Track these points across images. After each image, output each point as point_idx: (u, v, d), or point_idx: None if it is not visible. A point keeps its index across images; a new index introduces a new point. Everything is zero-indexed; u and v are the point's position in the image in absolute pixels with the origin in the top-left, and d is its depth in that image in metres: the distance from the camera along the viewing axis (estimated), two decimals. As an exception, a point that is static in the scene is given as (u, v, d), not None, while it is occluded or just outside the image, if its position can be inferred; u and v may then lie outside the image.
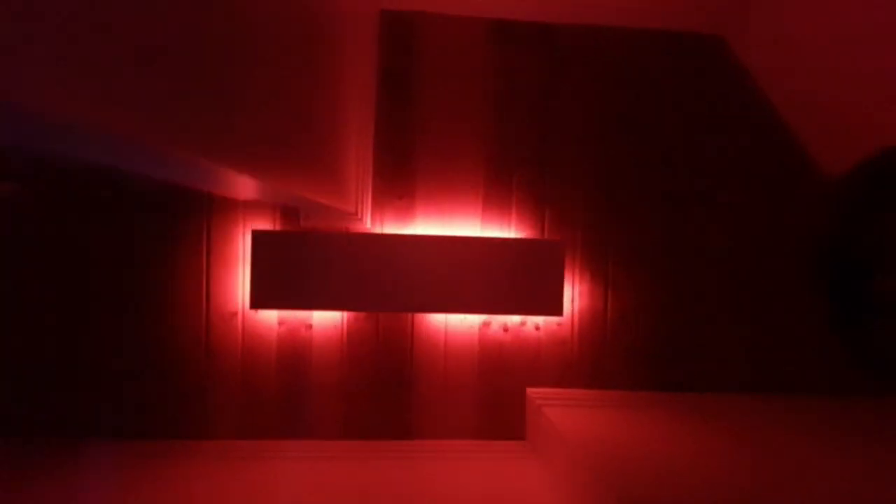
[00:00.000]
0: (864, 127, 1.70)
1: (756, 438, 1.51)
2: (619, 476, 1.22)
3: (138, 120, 0.45)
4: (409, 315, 1.84)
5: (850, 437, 1.56)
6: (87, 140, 0.44)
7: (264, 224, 1.79)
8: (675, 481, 1.21)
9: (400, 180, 1.84)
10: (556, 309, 1.80)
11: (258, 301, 1.71)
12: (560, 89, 1.89)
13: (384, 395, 1.83)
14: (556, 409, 1.69)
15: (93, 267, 1.74)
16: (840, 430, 1.61)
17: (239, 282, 1.78)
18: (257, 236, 1.71)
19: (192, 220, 1.77)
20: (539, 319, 1.87)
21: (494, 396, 1.86)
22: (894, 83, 1.53)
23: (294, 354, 1.81)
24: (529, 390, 1.85)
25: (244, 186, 0.83)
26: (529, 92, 1.88)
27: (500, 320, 1.87)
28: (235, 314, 1.78)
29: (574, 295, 1.88)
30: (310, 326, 1.81)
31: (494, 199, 1.86)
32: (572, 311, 1.88)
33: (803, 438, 1.53)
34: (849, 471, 1.33)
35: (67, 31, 0.35)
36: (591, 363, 1.88)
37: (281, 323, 1.80)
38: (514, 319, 1.87)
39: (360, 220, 1.70)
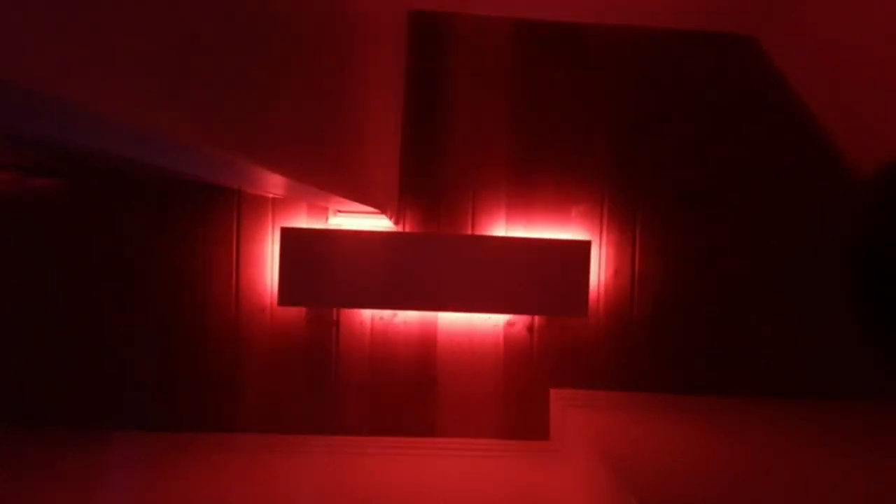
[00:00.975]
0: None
1: (787, 444, 1.48)
2: (643, 478, 1.21)
3: (172, 117, 0.46)
4: (434, 313, 1.85)
5: (876, 444, 1.52)
6: (122, 136, 0.45)
7: (293, 221, 1.82)
8: (699, 485, 1.20)
9: (426, 179, 1.85)
10: (581, 310, 1.78)
11: (286, 298, 1.74)
12: (586, 89, 1.87)
13: (408, 392, 1.85)
14: (579, 410, 1.68)
15: (124, 262, 1.79)
16: (866, 437, 1.57)
17: (268, 278, 1.81)
18: (286, 233, 1.73)
19: (223, 216, 1.81)
20: (564, 320, 1.86)
21: (518, 396, 1.86)
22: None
23: (320, 351, 1.83)
24: (553, 391, 1.84)
25: (274, 184, 0.85)
26: (555, 92, 1.87)
27: (524, 320, 1.87)
28: (264, 310, 1.82)
29: (599, 296, 1.86)
30: (336, 323, 1.84)
31: (520, 197, 1.86)
32: (597, 312, 1.87)
33: (832, 444, 1.49)
34: (872, 478, 1.29)
35: (103, 28, 0.36)
36: (615, 365, 1.86)
37: (308, 320, 1.83)
38: (539, 320, 1.87)
39: (387, 218, 1.72)
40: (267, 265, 1.82)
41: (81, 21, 0.33)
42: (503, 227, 1.85)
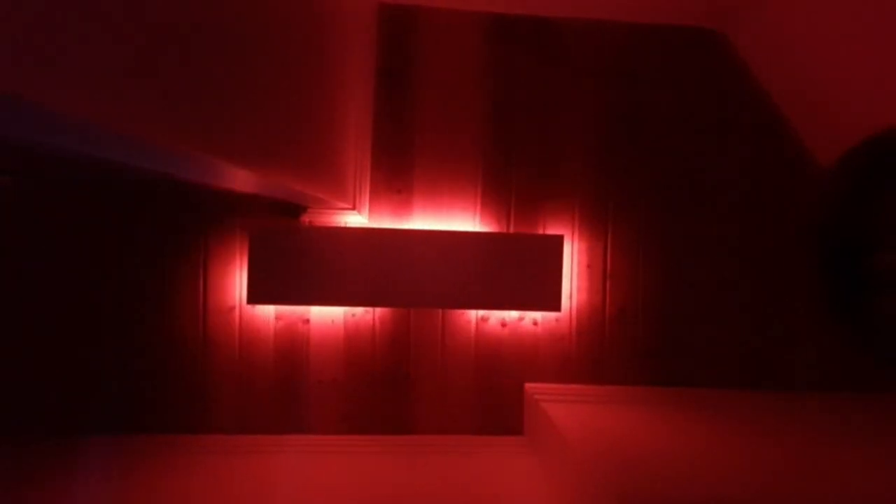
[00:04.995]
0: (860, 116, 1.71)
1: (755, 435, 1.52)
2: (617, 471, 1.22)
3: (138, 115, 0.44)
4: (407, 310, 1.84)
5: (851, 434, 1.56)
6: (87, 135, 0.43)
7: (262, 219, 1.78)
8: (672, 477, 1.21)
9: (398, 175, 1.83)
10: (555, 304, 1.79)
11: (255, 296, 1.70)
12: (558, 84, 1.88)
13: (382, 389, 1.83)
14: (553, 404, 1.69)
15: (89, 263, 1.73)
16: (841, 427, 1.61)
17: (236, 276, 1.78)
18: (254, 230, 1.70)
19: (190, 214, 1.76)
20: (537, 315, 1.87)
21: (492, 392, 1.86)
22: (885, 75, 1.55)
23: (291, 349, 1.80)
24: (527, 385, 1.85)
25: (242, 180, 0.83)
26: (527, 86, 1.87)
27: (497, 315, 1.87)
28: (233, 309, 1.78)
29: (572, 290, 1.88)
30: (307, 321, 1.81)
31: (492, 193, 1.86)
32: (570, 306, 1.88)
33: (803, 435, 1.53)
34: (848, 467, 1.33)
35: (69, 30, 0.34)
36: (589, 358, 1.88)
37: (278, 318, 1.80)
38: (512, 315, 1.87)
39: (358, 214, 1.70)
40: (235, 263, 1.78)
41: (46, 24, 0.31)
42: (476, 223, 1.85)
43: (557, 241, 1.80)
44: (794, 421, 1.64)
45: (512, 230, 1.85)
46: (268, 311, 1.80)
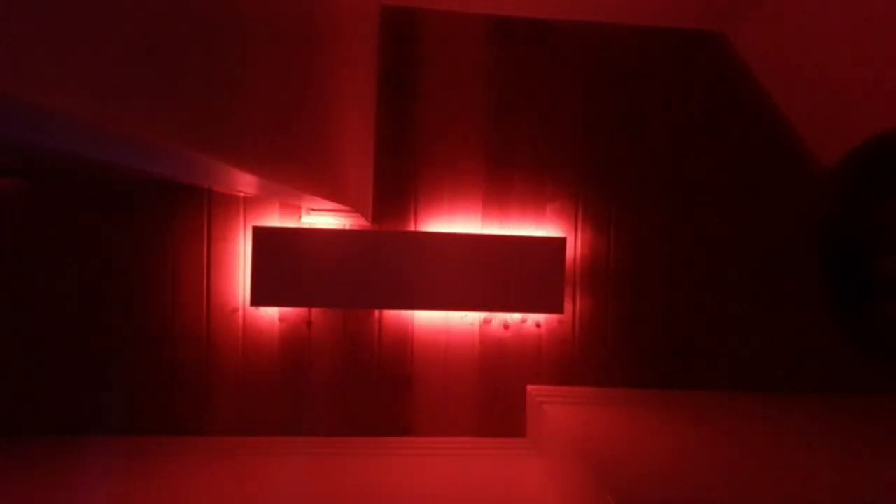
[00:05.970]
0: (861, 117, 1.71)
1: (756, 436, 1.51)
2: (619, 474, 1.22)
3: (140, 116, 0.45)
4: (410, 312, 1.84)
5: (851, 435, 1.56)
6: (91, 136, 0.44)
7: (265, 220, 1.79)
8: (674, 479, 1.21)
9: (401, 177, 1.84)
10: (557, 306, 1.80)
11: (259, 298, 1.71)
12: (560, 86, 1.88)
13: (384, 392, 1.83)
14: (556, 406, 1.69)
15: (92, 264, 1.74)
16: (840, 429, 1.61)
17: (240, 278, 1.78)
18: (258, 232, 1.70)
19: (193, 216, 1.77)
20: (540, 317, 1.87)
21: (495, 394, 1.86)
22: (886, 75, 1.56)
23: (294, 351, 1.81)
24: (530, 387, 1.85)
25: (245, 183, 0.83)
26: (530, 88, 1.87)
27: (500, 318, 1.87)
28: (236, 310, 1.78)
29: (575, 292, 1.88)
30: (310, 323, 1.81)
31: (495, 195, 1.86)
32: (573, 308, 1.88)
33: (803, 437, 1.53)
34: (847, 470, 1.33)
35: (68, 29, 0.35)
36: (591, 361, 1.88)
37: (281, 319, 1.80)
38: (515, 317, 1.87)
39: (361, 216, 1.70)
40: (239, 265, 1.78)
41: (43, 22, 0.32)
42: (479, 225, 1.85)
43: (560, 243, 1.80)
44: (794, 422, 1.64)
45: (514, 232, 1.86)
46: (271, 313, 1.80)
